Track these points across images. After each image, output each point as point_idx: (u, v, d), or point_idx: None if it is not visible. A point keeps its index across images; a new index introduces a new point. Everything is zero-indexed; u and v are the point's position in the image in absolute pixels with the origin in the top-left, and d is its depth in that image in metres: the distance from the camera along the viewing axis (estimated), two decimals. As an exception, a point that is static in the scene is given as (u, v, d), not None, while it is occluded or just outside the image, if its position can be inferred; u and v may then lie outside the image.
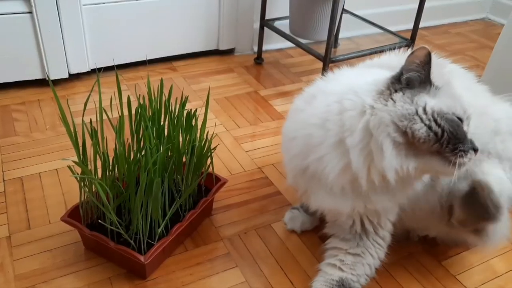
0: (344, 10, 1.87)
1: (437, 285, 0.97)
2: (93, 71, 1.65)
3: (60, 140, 1.33)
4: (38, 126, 1.39)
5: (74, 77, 1.63)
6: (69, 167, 0.86)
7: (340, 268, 0.90)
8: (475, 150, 0.73)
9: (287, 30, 1.74)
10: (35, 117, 1.43)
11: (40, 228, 1.04)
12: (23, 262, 0.96)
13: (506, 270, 1.02)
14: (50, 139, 1.34)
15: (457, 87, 0.89)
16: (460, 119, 0.73)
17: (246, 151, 1.35)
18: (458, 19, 2.43)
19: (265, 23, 1.77)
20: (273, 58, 1.92)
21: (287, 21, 1.77)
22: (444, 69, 0.94)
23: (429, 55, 0.72)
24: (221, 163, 1.29)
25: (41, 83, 1.58)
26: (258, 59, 1.86)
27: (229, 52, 1.92)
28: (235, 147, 1.37)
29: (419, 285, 0.97)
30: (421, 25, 2.22)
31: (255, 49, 1.89)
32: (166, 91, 0.98)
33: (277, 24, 1.77)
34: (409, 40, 1.74)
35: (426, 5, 1.68)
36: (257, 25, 1.83)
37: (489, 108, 0.92)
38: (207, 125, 1.02)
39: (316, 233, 1.08)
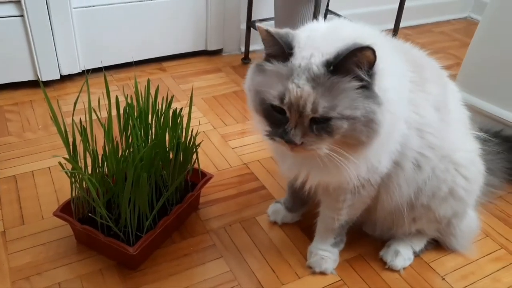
0: (328, 11, 1.93)
1: (411, 272, 1.03)
2: (84, 72, 1.70)
3: (52, 139, 1.37)
4: (31, 126, 1.44)
5: (66, 78, 1.68)
6: (59, 163, 0.91)
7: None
8: (287, 141, 0.74)
9: (272, 31, 1.79)
10: (27, 118, 1.48)
11: (33, 224, 1.08)
12: (17, 256, 1.00)
13: (477, 257, 1.08)
14: (42, 138, 1.38)
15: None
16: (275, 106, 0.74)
17: (233, 148, 1.40)
18: (441, 18, 2.50)
19: (251, 24, 1.82)
20: (260, 58, 1.96)
21: (273, 22, 1.83)
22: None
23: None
24: (208, 160, 1.34)
25: (34, 84, 1.62)
26: (246, 59, 1.91)
27: (217, 52, 1.97)
28: (222, 144, 1.42)
29: (394, 273, 1.03)
30: (405, 24, 2.29)
31: (243, 49, 1.94)
32: (154, 92, 1.03)
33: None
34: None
35: (410, 4, 1.74)
36: (243, 26, 1.88)
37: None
38: (193, 123, 1.07)
39: (299, 225, 1.13)
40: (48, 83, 1.64)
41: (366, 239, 1.09)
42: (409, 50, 0.92)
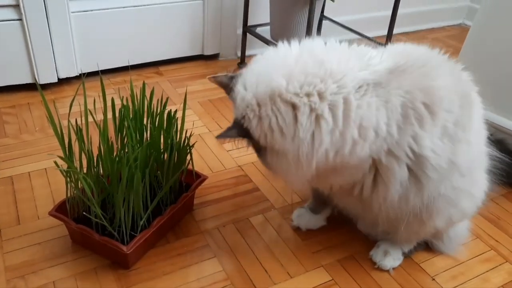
0: (324, 17, 1.95)
1: (402, 272, 1.04)
2: (81, 75, 1.72)
3: (49, 141, 1.39)
4: (28, 128, 1.45)
5: (63, 81, 1.70)
6: (55, 162, 0.92)
7: None
8: None
9: (268, 36, 1.82)
10: (25, 120, 1.49)
11: (29, 223, 1.10)
12: (13, 255, 1.02)
13: (467, 258, 1.09)
14: (39, 140, 1.40)
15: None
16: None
17: (228, 151, 1.42)
18: (435, 24, 2.53)
19: (247, 29, 1.85)
20: (256, 62, 1.99)
21: (268, 27, 1.85)
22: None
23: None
24: (203, 162, 1.35)
25: (31, 87, 1.64)
26: (242, 64, 1.93)
27: (214, 57, 1.99)
28: (217, 147, 1.43)
29: (385, 273, 1.04)
30: (400, 30, 2.33)
31: (239, 54, 1.96)
32: (150, 94, 1.05)
33: (259, 30, 1.85)
34: (384, 45, 1.81)
35: (405, 11, 1.77)
36: (240, 31, 1.91)
37: None
38: (189, 126, 1.09)
39: (291, 227, 1.15)
40: (45, 86, 1.66)
41: (357, 239, 1.11)
42: (431, 81, 0.82)
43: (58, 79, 1.67)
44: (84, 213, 1.00)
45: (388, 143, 0.81)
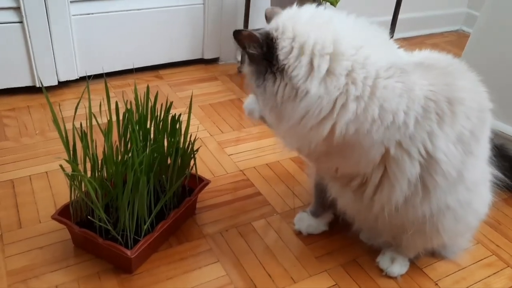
0: (323, 22, 1.96)
1: (405, 277, 1.05)
2: (81, 78, 1.71)
3: (49, 144, 1.38)
4: (28, 131, 1.45)
5: (63, 85, 1.69)
6: (61, 166, 0.92)
7: None
8: None
9: (268, 40, 1.82)
10: (24, 123, 1.48)
11: (30, 227, 1.09)
12: (14, 259, 1.01)
13: (469, 263, 1.10)
14: (39, 143, 1.39)
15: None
16: None
17: (229, 155, 1.42)
18: (433, 30, 2.55)
19: (248, 33, 1.85)
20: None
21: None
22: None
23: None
24: (205, 166, 1.35)
25: (31, 90, 1.63)
26: (241, 68, 1.94)
27: (214, 61, 1.99)
28: (218, 151, 1.43)
29: (388, 278, 1.04)
30: (399, 36, 2.34)
31: (239, 58, 1.97)
32: (152, 98, 1.05)
33: (259, 34, 1.85)
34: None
35: (404, 16, 1.78)
36: (240, 35, 1.91)
37: None
38: (191, 130, 1.09)
39: (294, 231, 1.15)
40: (45, 89, 1.64)
41: (359, 244, 1.11)
42: (455, 80, 0.85)
43: (58, 82, 1.66)
44: (88, 217, 0.99)
45: (401, 134, 0.80)
